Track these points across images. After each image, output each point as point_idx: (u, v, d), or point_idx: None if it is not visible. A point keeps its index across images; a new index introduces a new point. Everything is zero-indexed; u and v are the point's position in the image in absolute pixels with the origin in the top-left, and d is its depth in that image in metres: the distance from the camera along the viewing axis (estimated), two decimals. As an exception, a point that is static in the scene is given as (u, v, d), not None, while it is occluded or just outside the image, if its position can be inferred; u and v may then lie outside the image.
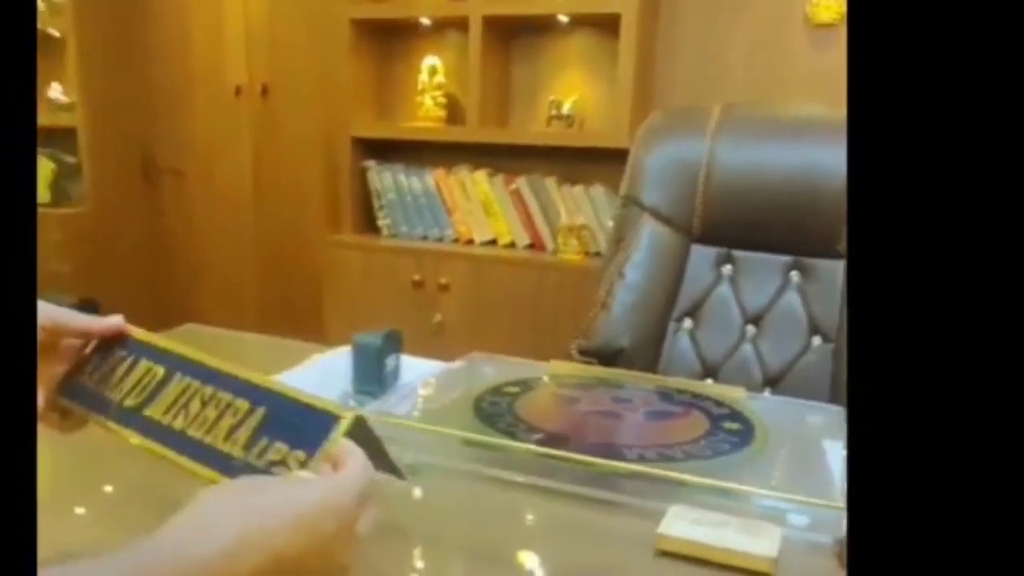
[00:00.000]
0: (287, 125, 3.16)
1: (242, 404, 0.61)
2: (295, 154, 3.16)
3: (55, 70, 3.28)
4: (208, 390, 0.64)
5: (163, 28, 3.31)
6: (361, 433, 0.60)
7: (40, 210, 3.24)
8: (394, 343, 1.17)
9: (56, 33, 3.16)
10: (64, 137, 3.26)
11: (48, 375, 0.69)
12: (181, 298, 3.49)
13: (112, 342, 0.72)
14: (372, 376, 1.14)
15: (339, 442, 0.57)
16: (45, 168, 3.34)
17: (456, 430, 0.98)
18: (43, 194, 3.35)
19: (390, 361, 1.16)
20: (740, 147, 1.52)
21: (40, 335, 0.68)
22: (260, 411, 0.60)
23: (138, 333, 0.72)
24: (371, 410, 1.07)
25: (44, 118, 3.27)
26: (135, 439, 0.64)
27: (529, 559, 0.79)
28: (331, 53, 2.80)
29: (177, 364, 0.68)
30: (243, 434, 0.59)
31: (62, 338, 0.71)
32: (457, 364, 1.30)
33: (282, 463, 0.57)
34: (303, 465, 0.56)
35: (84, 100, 3.19)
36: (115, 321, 0.72)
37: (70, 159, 3.33)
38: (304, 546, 0.48)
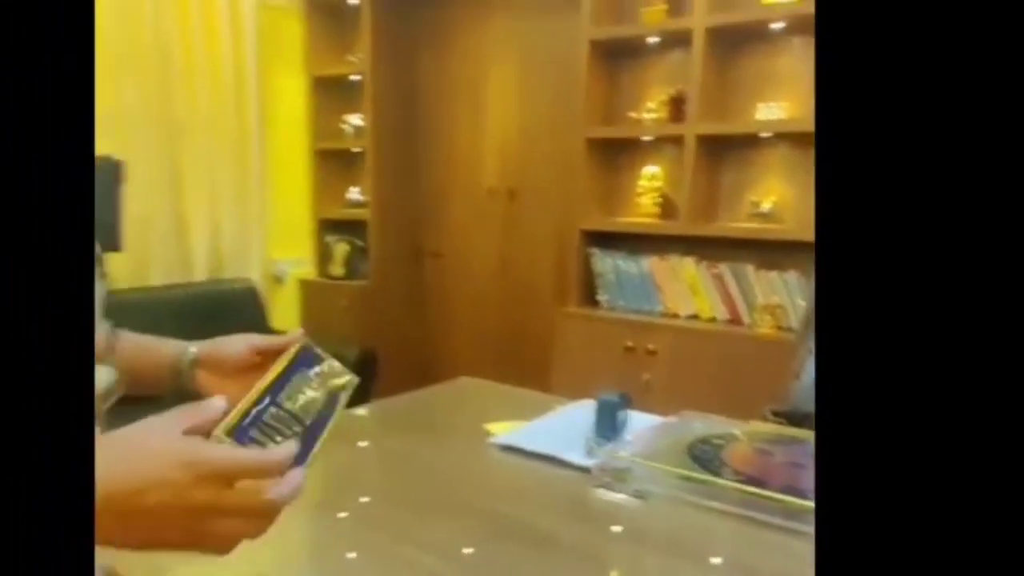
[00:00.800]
0: (528, 220, 3.34)
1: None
2: (533, 242, 3.32)
3: (355, 177, 3.67)
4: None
5: (435, 144, 3.59)
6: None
7: (336, 282, 3.65)
8: (626, 401, 1.33)
9: (358, 150, 3.54)
10: (358, 227, 3.59)
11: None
12: (436, 353, 3.70)
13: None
14: (610, 425, 1.30)
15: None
16: (342, 250, 3.68)
17: (676, 468, 1.13)
18: (339, 270, 3.67)
19: (622, 414, 1.32)
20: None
21: (250, 357, 0.75)
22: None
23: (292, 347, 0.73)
24: (607, 449, 1.26)
25: (344, 213, 3.66)
26: None
27: (726, 564, 0.92)
28: (567, 163, 2.94)
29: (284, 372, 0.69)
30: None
31: (267, 359, 0.73)
32: (672, 419, 1.42)
33: None
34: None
35: (374, 200, 3.50)
36: (295, 335, 0.73)
37: (360, 243, 3.62)
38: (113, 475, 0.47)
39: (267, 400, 0.64)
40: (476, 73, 3.41)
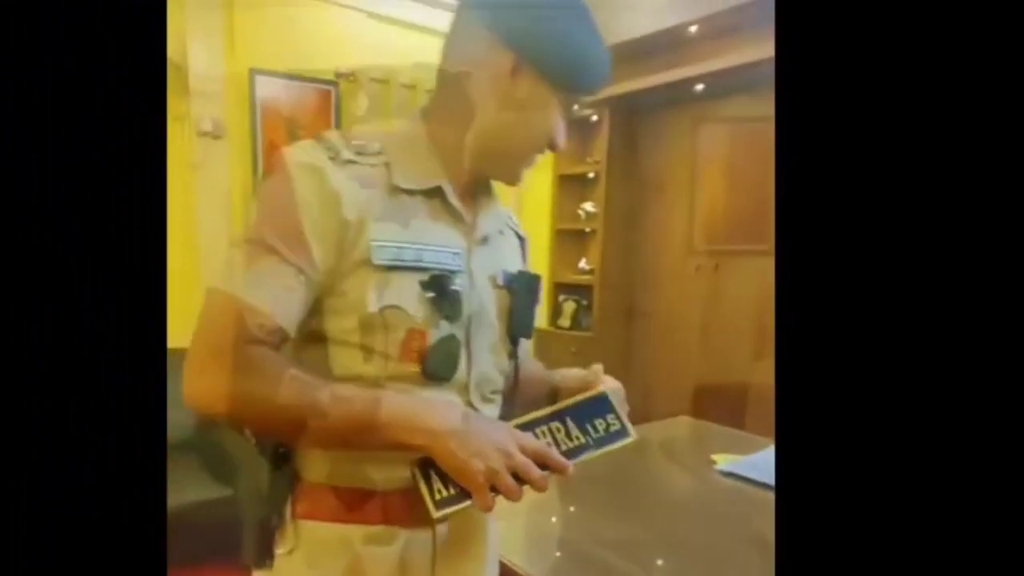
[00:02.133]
0: (729, 288, 3.38)
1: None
2: (732, 307, 3.35)
3: (585, 250, 4.02)
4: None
5: (652, 225, 3.76)
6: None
7: (563, 332, 3.94)
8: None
9: (589, 229, 3.90)
10: (584, 289, 3.88)
11: None
12: (643, 395, 3.79)
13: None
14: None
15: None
16: (570, 307, 4.00)
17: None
18: (566, 323, 4.00)
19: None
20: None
21: (578, 389, 0.82)
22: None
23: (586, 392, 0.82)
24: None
25: (574, 278, 3.97)
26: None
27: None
28: (769, 241, 3.03)
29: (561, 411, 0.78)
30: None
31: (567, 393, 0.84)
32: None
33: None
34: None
35: (599, 269, 3.74)
36: (606, 381, 0.85)
37: (584, 303, 3.90)
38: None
39: (555, 416, 0.76)
40: (691, 167, 3.59)
